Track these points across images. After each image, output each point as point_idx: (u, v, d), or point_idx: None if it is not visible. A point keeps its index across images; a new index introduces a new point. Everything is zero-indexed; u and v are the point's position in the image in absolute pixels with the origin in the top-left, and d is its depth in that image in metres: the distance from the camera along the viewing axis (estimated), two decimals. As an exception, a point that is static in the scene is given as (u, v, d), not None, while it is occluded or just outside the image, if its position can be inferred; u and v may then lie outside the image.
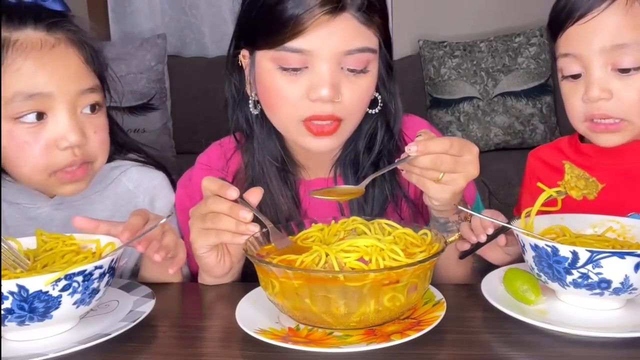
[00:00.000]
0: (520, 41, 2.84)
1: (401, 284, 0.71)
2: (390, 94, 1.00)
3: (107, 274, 0.77)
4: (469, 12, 3.13)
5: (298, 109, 0.91)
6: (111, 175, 1.08)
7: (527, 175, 1.16)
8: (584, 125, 0.99)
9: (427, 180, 0.84)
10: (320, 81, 0.88)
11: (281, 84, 0.91)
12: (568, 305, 0.80)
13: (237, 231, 0.82)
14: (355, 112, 0.93)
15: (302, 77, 0.90)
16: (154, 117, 3.00)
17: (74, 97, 0.93)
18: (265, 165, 1.01)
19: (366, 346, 0.69)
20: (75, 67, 0.94)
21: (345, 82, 0.90)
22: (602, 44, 0.93)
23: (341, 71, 0.90)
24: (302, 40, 0.87)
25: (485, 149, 2.84)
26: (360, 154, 1.02)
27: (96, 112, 0.97)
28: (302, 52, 0.87)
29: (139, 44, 3.04)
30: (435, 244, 0.79)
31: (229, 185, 0.83)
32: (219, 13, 3.35)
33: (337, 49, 0.88)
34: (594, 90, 0.94)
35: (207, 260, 0.89)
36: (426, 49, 2.93)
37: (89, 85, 0.95)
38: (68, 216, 1.02)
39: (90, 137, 0.96)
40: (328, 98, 0.88)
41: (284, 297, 0.73)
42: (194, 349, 0.74)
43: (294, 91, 0.90)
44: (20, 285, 0.69)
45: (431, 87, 2.91)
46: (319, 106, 0.89)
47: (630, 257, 0.71)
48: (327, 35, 0.87)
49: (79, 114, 0.95)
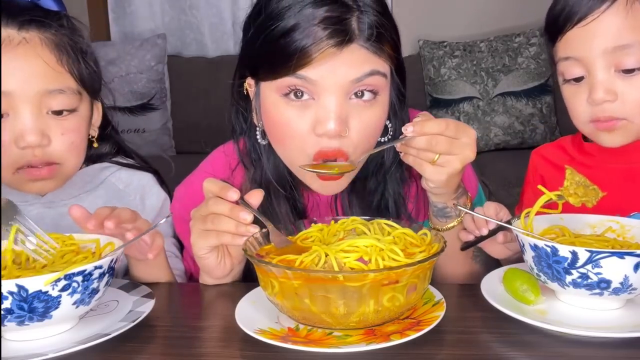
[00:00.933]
0: (520, 41, 2.85)
1: (401, 284, 0.71)
2: (401, 122, 0.94)
3: (106, 274, 0.77)
4: (469, 12, 3.14)
5: (305, 144, 0.87)
6: (101, 176, 1.09)
7: (529, 173, 1.16)
8: (588, 127, 0.98)
9: (423, 162, 0.84)
10: (327, 114, 0.85)
11: (287, 116, 0.87)
12: (567, 305, 0.80)
13: (237, 232, 0.81)
14: (362, 145, 0.89)
15: (308, 109, 0.86)
16: (154, 117, 3.00)
17: (37, 97, 0.93)
18: (272, 189, 0.98)
19: (366, 346, 0.69)
20: (41, 67, 0.93)
21: (354, 113, 0.87)
22: (605, 46, 0.92)
23: (349, 102, 0.86)
24: (307, 70, 0.84)
25: (485, 149, 2.84)
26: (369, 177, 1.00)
27: (65, 115, 0.96)
28: (307, 80, 0.84)
29: (139, 44, 3.04)
30: (435, 244, 0.79)
31: (229, 187, 0.83)
32: (219, 13, 3.35)
33: (344, 79, 0.84)
34: (599, 92, 0.93)
35: (208, 262, 0.88)
36: (426, 49, 2.93)
37: (57, 86, 0.94)
38: (59, 215, 1.03)
39: (56, 139, 0.95)
40: (334, 133, 0.85)
41: (283, 297, 0.73)
42: (194, 349, 0.74)
43: (300, 125, 0.87)
44: (19, 285, 0.69)
45: (431, 87, 2.92)
46: (325, 141, 0.86)
47: (630, 257, 0.71)
48: (334, 66, 0.84)
49: (45, 115, 0.94)
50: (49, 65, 0.94)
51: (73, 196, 1.05)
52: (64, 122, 0.96)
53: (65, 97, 0.96)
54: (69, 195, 1.05)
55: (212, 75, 3.01)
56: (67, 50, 0.96)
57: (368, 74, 0.85)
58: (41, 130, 0.93)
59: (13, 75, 0.91)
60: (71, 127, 0.97)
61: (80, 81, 0.98)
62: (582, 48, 0.94)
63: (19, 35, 0.92)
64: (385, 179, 1.01)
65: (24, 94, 0.91)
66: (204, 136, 3.02)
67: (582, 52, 0.94)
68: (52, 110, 0.95)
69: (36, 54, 0.93)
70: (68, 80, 0.96)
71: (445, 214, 0.95)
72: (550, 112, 2.80)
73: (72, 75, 0.97)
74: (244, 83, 0.96)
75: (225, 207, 0.81)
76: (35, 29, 0.94)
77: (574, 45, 0.95)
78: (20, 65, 0.92)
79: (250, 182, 1.00)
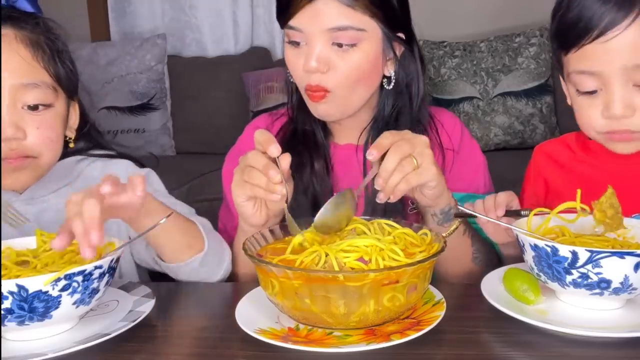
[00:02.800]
0: (520, 41, 2.84)
1: (401, 284, 0.71)
2: (406, 72, 1.09)
3: (106, 274, 0.77)
4: (469, 12, 3.13)
5: (300, 78, 1.05)
6: (77, 168, 1.09)
7: (530, 170, 1.15)
8: (602, 137, 0.97)
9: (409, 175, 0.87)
10: (310, 55, 1.00)
11: (289, 56, 1.05)
12: (568, 305, 0.80)
13: (268, 189, 0.87)
14: (345, 84, 1.02)
15: (302, 51, 1.02)
16: (154, 117, 3.00)
17: (13, 90, 0.93)
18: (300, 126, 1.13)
19: (366, 346, 0.69)
20: (16, 62, 0.94)
21: (335, 56, 1.01)
22: (624, 63, 0.89)
23: (331, 47, 1.00)
24: (297, 20, 1.01)
25: (485, 149, 2.83)
26: (387, 123, 1.10)
27: (40, 110, 0.97)
28: (298, 29, 1.01)
29: (139, 44, 3.04)
30: (435, 244, 0.79)
31: (273, 141, 0.87)
32: (219, 13, 3.34)
33: (323, 27, 0.99)
34: (617, 108, 0.91)
35: (245, 209, 0.93)
36: (426, 49, 2.93)
37: (31, 80, 0.95)
38: (40, 210, 1.03)
39: (32, 133, 0.96)
40: (315, 69, 1.00)
41: (283, 297, 0.73)
42: (194, 349, 0.74)
43: (297, 63, 1.04)
44: (20, 285, 0.69)
45: (431, 87, 2.91)
46: (310, 76, 1.02)
47: (630, 257, 0.71)
48: (311, 17, 0.99)
49: (20, 110, 0.95)
50: (24, 60, 0.95)
51: (52, 190, 1.05)
52: (39, 117, 0.97)
53: (40, 91, 0.96)
54: (49, 190, 1.04)
55: (212, 75, 3.01)
56: (43, 47, 0.97)
57: (340, 28, 0.99)
58: (16, 124, 0.94)
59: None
60: (47, 122, 0.98)
61: (55, 78, 0.99)
62: (601, 64, 0.90)
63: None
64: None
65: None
66: (204, 136, 3.02)
67: (601, 68, 0.91)
68: (27, 104, 0.95)
69: (11, 49, 0.94)
70: (43, 75, 0.97)
71: (450, 218, 0.97)
72: (550, 112, 2.80)
73: (47, 71, 0.98)
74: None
75: (260, 162, 0.87)
76: (10, 26, 0.95)
77: (592, 61, 0.91)
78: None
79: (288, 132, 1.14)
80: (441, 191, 0.94)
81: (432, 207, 0.98)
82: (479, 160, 1.17)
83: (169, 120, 3.05)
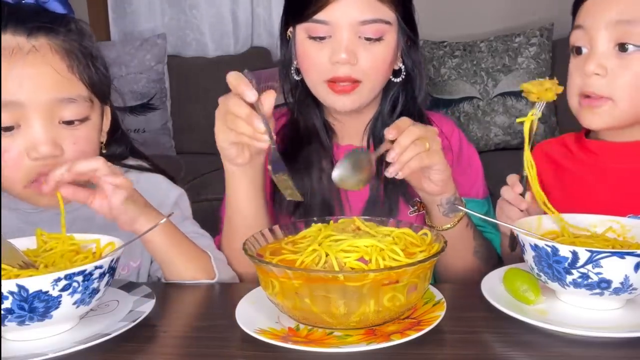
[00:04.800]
0: (520, 41, 2.84)
1: (401, 284, 0.71)
2: (413, 63, 1.14)
3: (107, 274, 0.77)
4: (469, 12, 3.13)
5: (323, 71, 1.06)
6: None
7: None
8: (575, 102, 0.99)
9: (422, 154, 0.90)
10: (339, 47, 1.03)
11: (310, 51, 1.07)
12: (568, 305, 0.80)
13: (253, 137, 0.87)
14: (372, 75, 1.06)
15: (326, 45, 1.05)
16: (154, 117, 3.00)
17: (49, 106, 0.91)
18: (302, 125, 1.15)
19: (366, 346, 0.69)
20: (52, 76, 0.91)
21: (362, 49, 1.04)
22: (609, 18, 0.93)
23: (358, 40, 1.04)
24: (324, 13, 1.03)
25: (485, 149, 2.83)
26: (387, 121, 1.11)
27: (76, 125, 0.94)
28: (325, 22, 1.04)
29: (139, 44, 3.04)
30: (435, 244, 0.79)
31: (249, 86, 0.86)
32: (219, 13, 3.35)
33: (353, 20, 1.03)
34: (591, 65, 0.94)
35: (228, 152, 0.94)
36: (426, 49, 2.93)
37: (68, 95, 0.92)
38: (70, 220, 1.02)
39: (68, 149, 0.93)
40: (345, 61, 1.03)
41: (283, 297, 0.72)
42: (194, 349, 0.74)
43: (319, 57, 1.06)
44: (20, 285, 0.69)
45: (431, 87, 2.91)
46: (339, 68, 1.04)
47: (630, 257, 0.71)
48: (345, 9, 1.03)
49: (57, 125, 0.92)
50: (59, 74, 0.92)
51: None
52: (75, 132, 0.94)
53: (77, 106, 0.94)
54: None
55: (212, 75, 3.01)
56: (77, 56, 0.95)
57: (371, 21, 1.03)
58: (54, 141, 0.91)
59: (23, 85, 0.89)
60: (83, 136, 0.95)
61: (90, 87, 0.96)
62: (591, 18, 0.95)
63: (28, 43, 0.90)
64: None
65: (34, 103, 0.89)
66: (204, 136, 3.02)
67: (589, 22, 0.95)
68: (63, 120, 0.93)
69: (46, 62, 0.91)
70: (79, 88, 0.94)
71: (455, 208, 1.00)
72: (550, 112, 2.80)
73: (83, 82, 0.95)
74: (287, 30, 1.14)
75: (243, 111, 0.86)
76: (44, 35, 0.92)
77: (585, 15, 0.96)
78: (30, 74, 0.89)
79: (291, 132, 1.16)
80: (448, 177, 0.97)
81: (439, 195, 0.99)
82: (478, 166, 1.20)
83: (169, 120, 3.05)
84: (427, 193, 1.00)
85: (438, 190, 0.98)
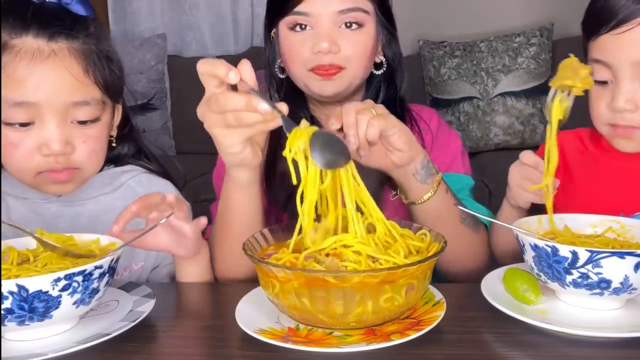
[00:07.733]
0: (520, 41, 2.84)
1: (400, 285, 0.70)
2: (394, 55, 1.17)
3: (107, 274, 0.77)
4: (469, 12, 3.13)
5: (306, 61, 1.08)
6: (121, 179, 1.10)
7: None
8: (606, 129, 0.99)
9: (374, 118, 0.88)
10: (321, 37, 1.06)
11: (293, 43, 1.09)
12: (568, 305, 0.80)
13: (267, 120, 0.81)
14: (355, 62, 1.09)
15: (308, 36, 1.08)
16: (154, 117, 3.00)
17: (63, 108, 0.94)
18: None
19: (366, 346, 0.69)
20: (68, 80, 0.94)
21: (343, 38, 1.08)
22: (633, 58, 0.92)
23: (339, 29, 1.07)
24: (305, 5, 1.07)
25: (485, 149, 2.84)
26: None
27: (88, 124, 0.98)
28: (306, 14, 1.07)
29: (139, 44, 3.04)
30: (435, 244, 0.79)
31: (226, 66, 0.82)
32: (219, 13, 3.35)
33: (332, 10, 1.06)
34: (620, 102, 0.93)
35: (243, 156, 0.89)
36: (426, 49, 2.93)
37: (83, 98, 0.96)
38: (76, 213, 1.04)
39: (78, 147, 0.97)
40: (327, 50, 1.06)
41: (283, 297, 0.72)
42: (194, 349, 0.74)
43: (302, 48, 1.08)
44: (20, 285, 0.69)
45: (431, 87, 2.92)
46: (322, 57, 1.07)
47: (630, 257, 0.71)
48: (322, 2, 1.06)
49: (69, 124, 0.96)
50: (76, 78, 0.95)
51: (91, 197, 1.06)
52: (86, 130, 0.98)
53: (90, 108, 0.97)
54: (88, 196, 1.06)
55: (212, 75, 3.01)
56: (94, 59, 0.97)
57: (350, 9, 1.07)
58: (65, 139, 0.95)
59: (41, 87, 0.92)
60: (93, 135, 0.99)
61: (104, 89, 0.99)
62: (613, 55, 0.93)
63: (48, 47, 0.93)
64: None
65: (50, 105, 0.93)
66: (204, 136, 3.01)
67: (612, 60, 0.93)
68: (77, 120, 0.96)
69: (64, 67, 0.94)
70: (93, 91, 0.97)
71: (431, 171, 0.98)
72: (550, 112, 2.80)
73: (97, 86, 0.98)
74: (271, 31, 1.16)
75: (240, 102, 0.81)
76: (64, 39, 0.95)
77: (606, 51, 0.94)
78: (48, 77, 0.92)
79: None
80: (410, 138, 0.94)
81: (410, 162, 0.95)
82: (458, 146, 1.20)
83: (169, 120, 3.05)
84: (397, 166, 0.96)
85: (406, 156, 0.94)
